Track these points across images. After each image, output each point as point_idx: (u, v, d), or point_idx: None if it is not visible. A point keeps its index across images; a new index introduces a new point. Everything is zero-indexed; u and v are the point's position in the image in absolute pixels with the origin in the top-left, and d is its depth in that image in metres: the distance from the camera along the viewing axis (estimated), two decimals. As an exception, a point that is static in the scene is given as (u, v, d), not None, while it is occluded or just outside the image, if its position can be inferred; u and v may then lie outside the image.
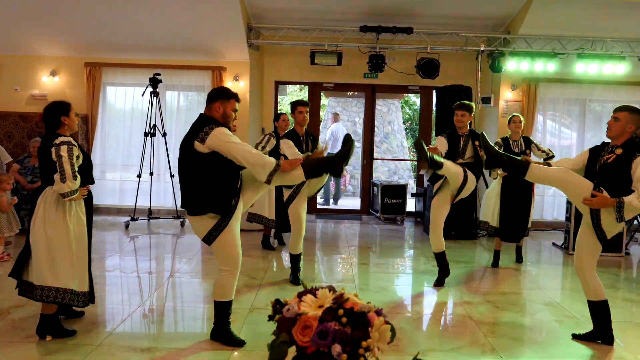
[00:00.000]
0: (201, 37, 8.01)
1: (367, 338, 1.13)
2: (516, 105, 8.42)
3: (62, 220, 3.40)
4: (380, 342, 1.19)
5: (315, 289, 1.25)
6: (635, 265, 6.37)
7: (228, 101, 3.39)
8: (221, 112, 3.37)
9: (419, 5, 7.84)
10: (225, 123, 3.38)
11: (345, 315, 1.14)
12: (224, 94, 3.41)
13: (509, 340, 3.70)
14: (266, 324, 3.75)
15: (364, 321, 1.14)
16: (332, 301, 1.17)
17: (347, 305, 1.17)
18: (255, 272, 5.30)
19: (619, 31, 7.75)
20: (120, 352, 3.30)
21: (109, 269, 5.30)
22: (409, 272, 5.85)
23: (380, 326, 1.17)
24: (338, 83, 9.18)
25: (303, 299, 1.19)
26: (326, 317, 1.13)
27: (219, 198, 3.26)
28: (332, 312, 1.14)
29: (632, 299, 4.85)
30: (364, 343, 1.12)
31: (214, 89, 3.55)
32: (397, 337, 3.62)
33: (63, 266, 3.38)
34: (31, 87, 8.49)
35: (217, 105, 3.37)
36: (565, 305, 4.53)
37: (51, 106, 3.58)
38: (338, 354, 1.10)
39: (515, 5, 7.76)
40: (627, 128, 3.46)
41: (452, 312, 4.42)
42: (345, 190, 12.08)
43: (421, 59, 8.12)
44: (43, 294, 3.34)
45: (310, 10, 8.05)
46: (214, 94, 3.43)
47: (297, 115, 4.96)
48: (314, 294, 1.21)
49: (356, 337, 1.10)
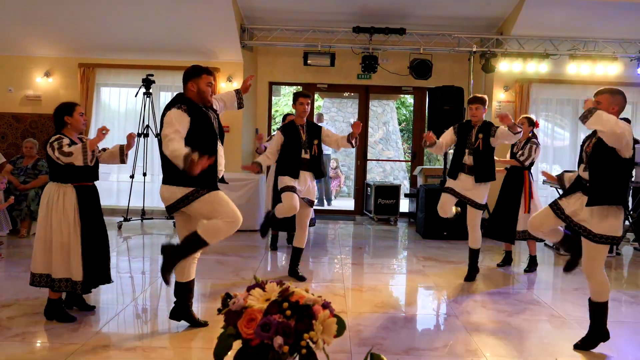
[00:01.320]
0: (194, 38, 8.03)
1: (310, 330, 1.14)
2: (509, 106, 8.45)
3: (45, 214, 3.66)
4: (325, 334, 1.20)
5: (264, 282, 1.26)
6: (626, 266, 6.40)
7: (200, 77, 3.44)
8: (195, 89, 3.44)
9: (411, 6, 7.87)
10: (203, 99, 3.45)
11: (290, 308, 1.15)
12: (194, 72, 3.46)
13: (494, 339, 3.71)
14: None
15: (309, 314, 1.16)
16: (278, 294, 1.18)
17: (293, 298, 1.18)
18: (244, 271, 5.31)
19: (610, 32, 7.78)
20: (105, 351, 3.32)
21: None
22: (399, 273, 5.87)
23: (325, 319, 1.19)
24: (332, 84, 9.20)
25: (251, 292, 1.21)
26: (271, 310, 1.15)
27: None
28: (277, 305, 1.16)
29: (621, 299, 4.86)
30: (305, 335, 1.13)
31: (185, 70, 3.56)
32: (382, 336, 3.67)
33: (38, 254, 3.68)
34: (25, 87, 8.51)
35: (190, 84, 3.45)
36: (553, 305, 4.55)
37: (57, 107, 3.81)
38: (279, 345, 1.12)
39: (507, 6, 7.79)
40: (610, 109, 3.35)
41: (439, 312, 4.44)
42: (340, 191, 12.09)
43: (414, 60, 8.14)
44: (32, 279, 3.76)
45: (303, 11, 8.07)
46: (185, 75, 3.49)
47: (297, 106, 4.95)
48: (262, 287, 1.23)
49: (300, 329, 1.12)
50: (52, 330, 3.63)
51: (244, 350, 1.15)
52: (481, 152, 4.99)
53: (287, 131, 4.94)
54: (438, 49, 8.24)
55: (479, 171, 5.00)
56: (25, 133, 8.16)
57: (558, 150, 8.70)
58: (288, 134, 4.92)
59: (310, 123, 5.08)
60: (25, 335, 3.51)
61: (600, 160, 3.33)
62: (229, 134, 8.40)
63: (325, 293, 4.81)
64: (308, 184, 4.95)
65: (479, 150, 4.98)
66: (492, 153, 5.04)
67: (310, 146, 4.93)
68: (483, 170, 5.00)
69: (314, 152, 4.93)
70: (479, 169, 4.99)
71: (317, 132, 5.00)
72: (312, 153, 4.93)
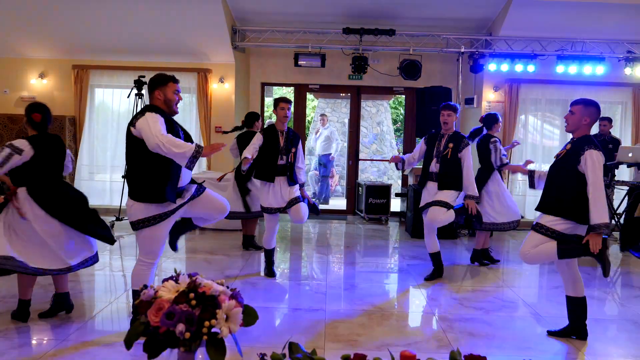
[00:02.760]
0: (186, 39, 8.12)
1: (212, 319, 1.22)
2: (499, 107, 8.51)
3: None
4: (231, 323, 1.28)
5: (178, 275, 1.35)
6: (613, 264, 6.45)
7: (166, 86, 3.47)
8: (162, 98, 3.47)
9: (401, 7, 7.94)
10: (169, 107, 3.48)
11: (196, 298, 1.23)
12: (160, 81, 3.48)
13: (467, 335, 3.79)
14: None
15: (213, 304, 1.24)
16: (187, 286, 1.26)
17: (202, 289, 1.26)
18: (230, 270, 5.40)
19: (598, 33, 7.83)
20: (84, 347, 3.40)
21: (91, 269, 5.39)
22: (382, 271, 5.93)
23: (231, 309, 1.27)
24: (323, 84, 9.28)
25: (164, 284, 1.29)
26: (179, 300, 1.23)
27: (152, 185, 3.35)
28: (185, 295, 1.24)
29: (604, 297, 4.93)
30: (206, 323, 1.21)
31: (150, 78, 3.57)
32: (357, 332, 3.75)
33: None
34: (20, 89, 8.62)
35: (156, 93, 3.47)
36: (532, 302, 4.62)
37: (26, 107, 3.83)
38: (180, 332, 1.20)
39: (495, 7, 7.85)
40: (582, 121, 3.51)
41: (417, 309, 4.51)
42: (334, 190, 12.18)
43: (403, 61, 8.21)
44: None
45: (293, 12, 8.15)
46: (151, 84, 3.50)
47: (278, 111, 5.04)
48: (175, 280, 1.31)
49: (203, 317, 1.20)
50: (36, 326, 3.72)
51: (152, 337, 1.23)
52: (449, 160, 4.95)
53: (267, 135, 5.04)
54: (427, 49, 8.31)
55: (443, 179, 4.96)
56: (20, 134, 8.25)
57: (547, 150, 8.75)
58: (267, 138, 5.03)
59: (291, 131, 5.19)
60: (7, 332, 3.60)
61: (562, 174, 3.49)
62: (221, 134, 8.50)
63: (306, 290, 4.90)
64: (286, 187, 5.07)
65: (447, 158, 4.95)
66: (459, 164, 4.96)
67: (287, 153, 5.06)
68: (448, 178, 4.95)
69: (289, 160, 5.06)
70: (444, 177, 4.96)
71: (296, 141, 5.15)
72: (288, 160, 5.06)
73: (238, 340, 1.64)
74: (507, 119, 8.41)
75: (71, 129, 8.47)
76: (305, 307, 4.37)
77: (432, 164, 5.05)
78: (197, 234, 7.34)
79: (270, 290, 4.79)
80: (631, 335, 3.95)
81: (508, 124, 8.44)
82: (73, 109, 8.49)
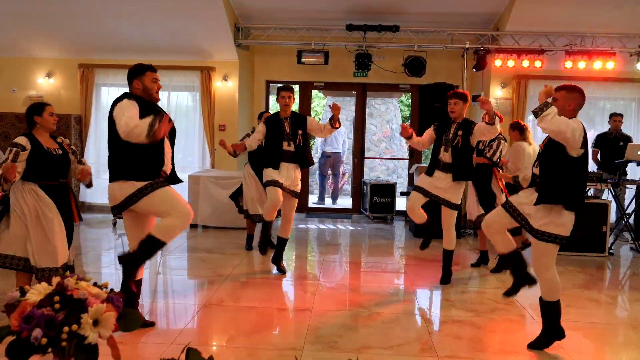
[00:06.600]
0: (189, 37, 8.13)
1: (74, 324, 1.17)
2: (507, 103, 8.33)
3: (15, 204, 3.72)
4: (102, 328, 1.22)
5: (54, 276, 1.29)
6: (617, 266, 6.25)
7: (143, 75, 3.52)
8: (141, 87, 3.52)
9: (405, 2, 7.81)
10: (150, 96, 3.52)
11: (61, 301, 1.18)
12: (137, 70, 3.54)
13: (452, 338, 3.68)
14: (220, 320, 3.79)
15: (79, 308, 1.18)
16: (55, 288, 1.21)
17: (69, 292, 1.21)
18: (222, 268, 5.37)
19: (609, 26, 7.59)
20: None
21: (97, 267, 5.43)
22: (378, 271, 5.83)
23: (101, 312, 1.21)
24: (328, 82, 9.20)
25: (35, 286, 1.25)
26: (44, 303, 1.18)
27: (136, 165, 3.39)
28: (49, 298, 1.19)
29: (600, 300, 4.77)
30: (65, 328, 1.16)
31: (129, 69, 3.60)
32: (339, 334, 3.67)
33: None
34: (28, 88, 8.73)
35: (135, 83, 3.53)
36: (525, 306, 4.48)
37: (27, 108, 3.89)
38: (35, 338, 1.15)
39: (501, 1, 7.67)
40: (566, 106, 3.39)
41: (405, 311, 4.39)
42: (343, 189, 12.08)
43: (408, 57, 8.08)
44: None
45: (296, 9, 8.09)
46: (129, 74, 3.56)
47: (279, 100, 5.10)
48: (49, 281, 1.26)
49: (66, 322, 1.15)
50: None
51: (16, 342, 1.18)
52: (460, 149, 4.82)
53: (270, 123, 5.09)
54: (432, 46, 8.16)
55: (457, 169, 4.83)
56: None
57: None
58: (271, 126, 5.08)
59: (295, 114, 5.20)
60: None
61: (550, 158, 3.30)
62: (225, 132, 8.49)
63: (296, 291, 4.84)
64: (292, 175, 5.05)
65: (458, 147, 4.82)
66: (471, 152, 4.91)
67: (294, 137, 5.04)
68: (461, 168, 4.84)
69: (298, 143, 5.04)
70: (457, 167, 4.83)
71: (302, 122, 5.12)
72: (297, 143, 5.04)
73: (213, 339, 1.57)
74: (516, 116, 8.21)
75: (77, 128, 8.55)
76: (292, 307, 4.31)
77: (441, 151, 4.90)
78: (199, 232, 7.35)
79: (259, 290, 4.73)
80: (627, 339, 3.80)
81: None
82: (79, 108, 8.57)
